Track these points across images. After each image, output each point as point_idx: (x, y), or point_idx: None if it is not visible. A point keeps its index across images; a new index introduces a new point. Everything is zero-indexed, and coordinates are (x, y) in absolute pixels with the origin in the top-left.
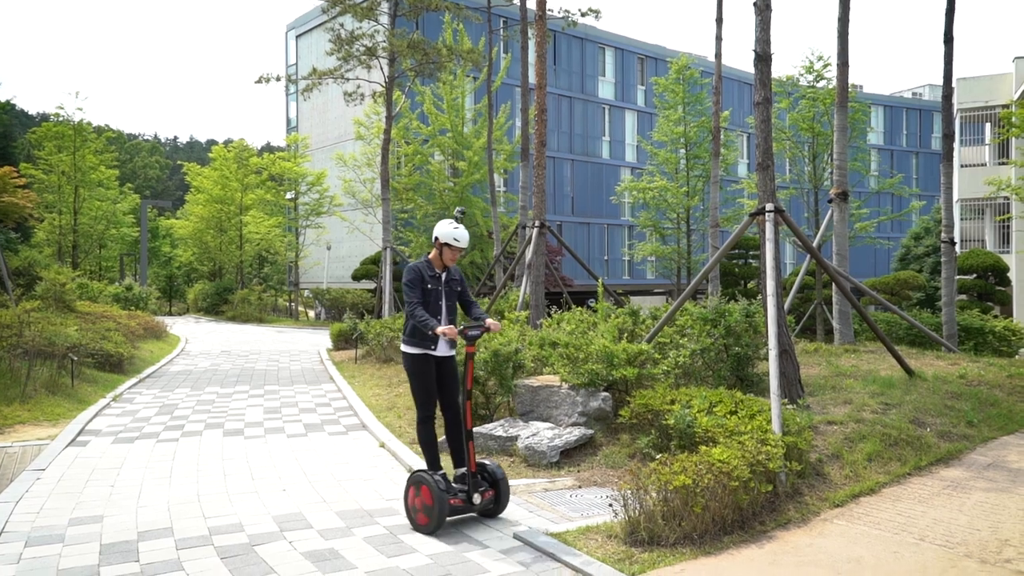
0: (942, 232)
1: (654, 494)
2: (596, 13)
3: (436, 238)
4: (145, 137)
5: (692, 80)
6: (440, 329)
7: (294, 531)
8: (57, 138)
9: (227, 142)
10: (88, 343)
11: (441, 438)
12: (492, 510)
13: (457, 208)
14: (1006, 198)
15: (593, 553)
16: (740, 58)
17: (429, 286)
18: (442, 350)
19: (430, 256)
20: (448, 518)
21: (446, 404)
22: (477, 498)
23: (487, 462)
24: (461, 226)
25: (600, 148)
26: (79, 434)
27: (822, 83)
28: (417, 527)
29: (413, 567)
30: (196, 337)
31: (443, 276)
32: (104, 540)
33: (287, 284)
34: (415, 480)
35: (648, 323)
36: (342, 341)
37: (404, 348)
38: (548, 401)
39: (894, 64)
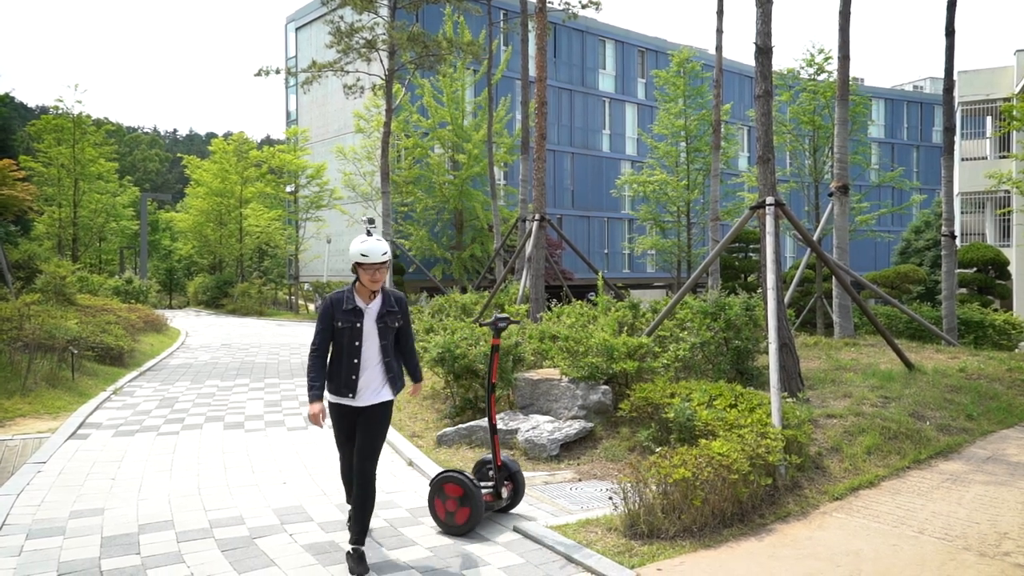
0: (942, 226)
1: (654, 487)
2: (596, 5)
3: (352, 263)
4: (145, 130)
5: (693, 73)
6: (312, 409)
7: (295, 524)
8: (56, 131)
9: (227, 135)
10: (88, 336)
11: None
12: (509, 504)
13: (364, 217)
14: (1007, 192)
15: (593, 546)
16: (741, 51)
17: (340, 324)
18: (367, 397)
19: (355, 284)
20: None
21: (360, 450)
22: (504, 492)
23: (502, 456)
24: (371, 238)
25: (600, 141)
26: (80, 427)
27: (823, 76)
28: (453, 527)
29: (413, 559)
30: (196, 330)
31: (369, 308)
32: (105, 533)
33: (287, 277)
34: (444, 479)
35: (648, 316)
36: None
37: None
38: (548, 394)
39: (895, 57)
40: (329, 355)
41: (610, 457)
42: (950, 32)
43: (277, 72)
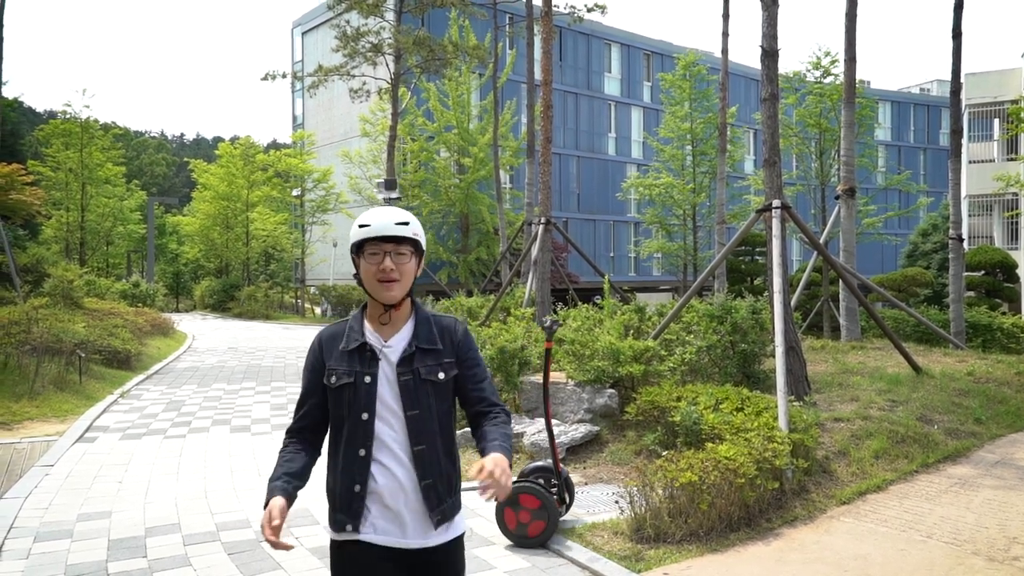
0: (950, 229)
1: (660, 491)
2: (602, 9)
3: (351, 252)
4: (152, 134)
5: (699, 76)
6: (268, 511)
7: (301, 527)
8: (64, 135)
9: (233, 139)
10: (96, 340)
11: None
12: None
13: (379, 181)
14: (1015, 194)
15: (600, 550)
16: (747, 54)
17: (335, 379)
18: (390, 531)
19: (364, 308)
20: None
21: None
22: (567, 497)
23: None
24: (386, 207)
25: (606, 144)
26: (87, 430)
27: (829, 79)
28: (524, 540)
29: None
30: (203, 334)
31: (390, 346)
32: (112, 536)
33: (293, 281)
34: (520, 489)
35: (654, 320)
36: None
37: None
38: (554, 398)
39: (902, 60)
40: (320, 443)
41: (616, 461)
42: (957, 34)
43: (283, 76)
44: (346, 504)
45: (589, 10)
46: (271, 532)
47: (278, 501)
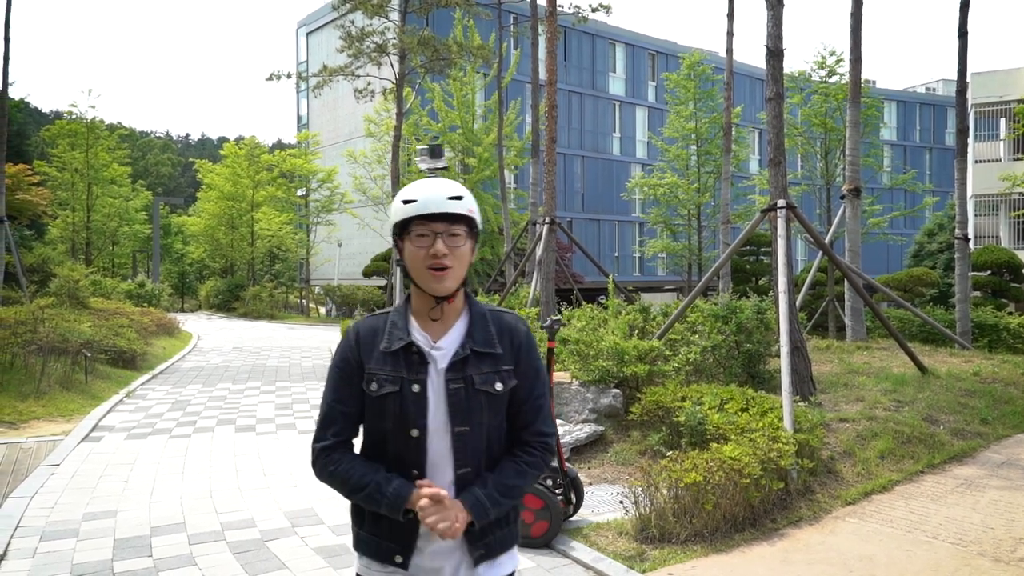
0: (956, 228)
1: (665, 491)
2: (607, 9)
3: (392, 233)
4: (157, 134)
5: (703, 76)
6: (422, 498)
7: (306, 527)
8: (70, 136)
9: (238, 139)
10: (101, 339)
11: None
12: (572, 512)
13: (423, 146)
14: (1021, 194)
15: (604, 550)
16: (752, 53)
17: (376, 387)
18: (434, 558)
19: (408, 300)
20: None
21: None
22: (573, 498)
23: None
24: (434, 179)
25: (611, 144)
26: (93, 430)
27: (834, 78)
28: (530, 540)
29: None
30: (208, 334)
31: (440, 347)
32: (118, 535)
33: (298, 281)
34: None
35: (659, 320)
36: None
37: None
38: (558, 398)
39: (907, 59)
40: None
41: (621, 461)
42: (963, 33)
43: (288, 77)
44: (398, 532)
45: (593, 10)
46: (448, 519)
47: (417, 491)
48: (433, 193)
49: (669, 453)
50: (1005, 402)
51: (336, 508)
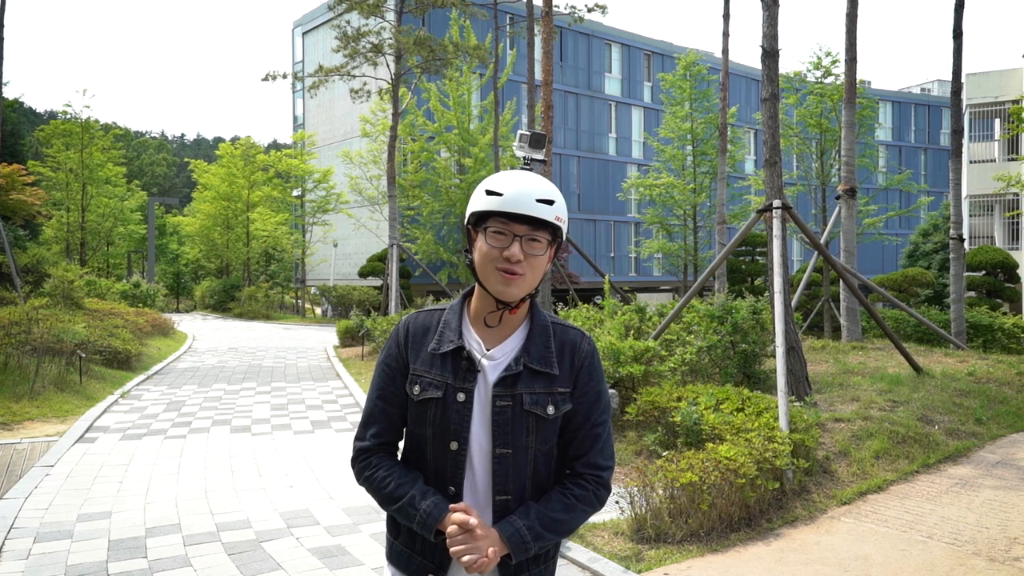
0: (951, 229)
1: (661, 491)
2: (603, 9)
3: (468, 222)
4: (152, 135)
5: (699, 76)
6: (452, 524)
7: (301, 528)
8: (65, 135)
9: (234, 139)
10: (96, 340)
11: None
12: None
13: (523, 134)
14: (1015, 194)
15: (600, 550)
16: (747, 54)
17: (419, 391)
18: None
19: (466, 298)
20: None
21: None
22: None
23: None
24: (528, 174)
25: (606, 145)
26: (87, 431)
27: (830, 79)
28: None
29: None
30: (203, 334)
31: (488, 356)
32: (112, 536)
33: (294, 281)
34: None
35: (655, 320)
36: (349, 338)
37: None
38: None
39: (902, 60)
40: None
41: (617, 461)
42: (958, 34)
43: (284, 77)
44: (432, 549)
45: (589, 10)
46: (478, 551)
47: (452, 515)
48: (523, 190)
49: (665, 453)
50: (1000, 402)
51: (332, 509)
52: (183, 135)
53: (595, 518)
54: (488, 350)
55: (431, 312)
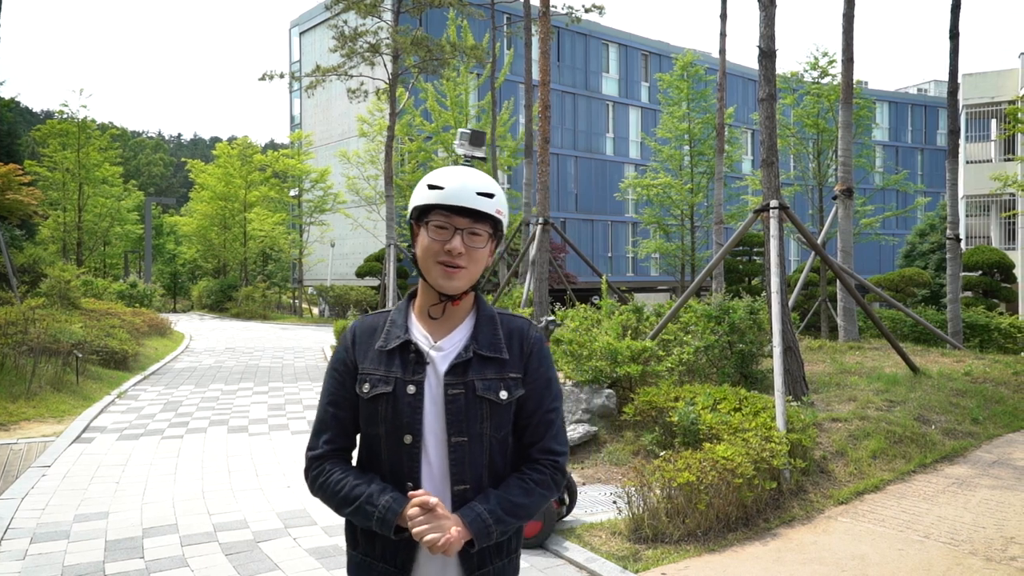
0: (947, 229)
1: (658, 491)
2: (600, 9)
3: (410, 217)
4: (149, 134)
5: (696, 76)
6: (408, 520)
7: (298, 528)
8: (61, 135)
9: (231, 139)
10: (93, 340)
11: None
12: (565, 513)
13: (463, 130)
14: (1012, 194)
15: (597, 550)
16: (745, 54)
17: (368, 388)
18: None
19: (411, 296)
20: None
21: None
22: (567, 498)
23: None
24: (467, 169)
25: (604, 145)
26: (84, 431)
27: (827, 79)
28: (523, 540)
29: None
30: (200, 334)
31: (440, 348)
32: (109, 536)
33: (291, 281)
34: None
35: (652, 320)
36: None
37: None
38: None
39: (899, 60)
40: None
41: (614, 461)
42: (954, 35)
43: (281, 76)
44: (392, 552)
45: (587, 10)
46: (443, 530)
47: (410, 507)
48: (463, 184)
49: (662, 453)
50: (996, 402)
51: (329, 509)
52: (180, 135)
53: (592, 518)
54: (436, 342)
55: (378, 314)
